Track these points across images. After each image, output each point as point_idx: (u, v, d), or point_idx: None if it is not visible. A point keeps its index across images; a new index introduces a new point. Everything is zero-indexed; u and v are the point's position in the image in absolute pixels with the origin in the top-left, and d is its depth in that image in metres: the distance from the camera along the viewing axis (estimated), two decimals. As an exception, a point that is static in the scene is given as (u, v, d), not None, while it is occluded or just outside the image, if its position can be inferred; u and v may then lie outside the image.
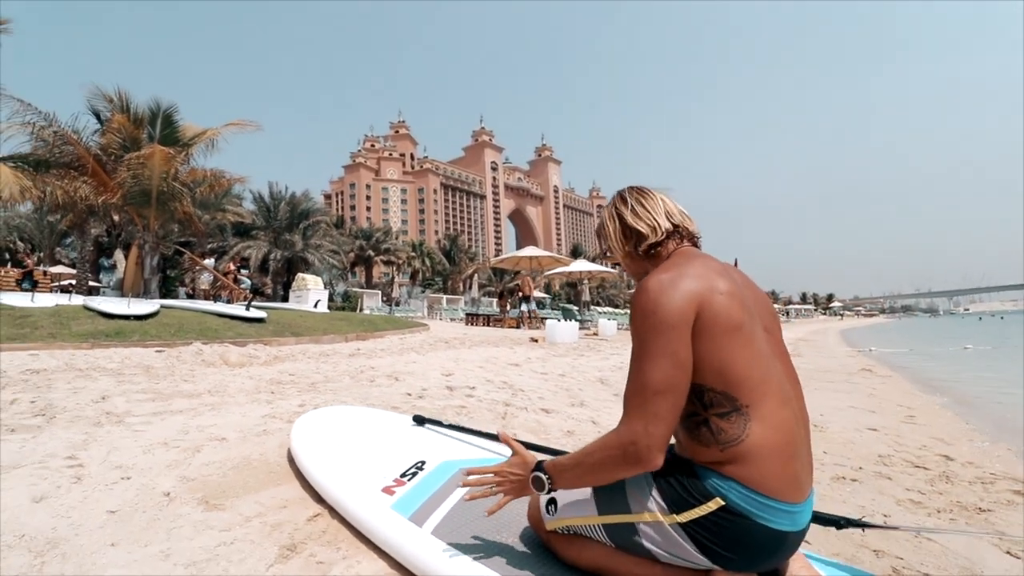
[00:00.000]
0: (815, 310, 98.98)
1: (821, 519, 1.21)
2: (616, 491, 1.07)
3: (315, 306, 11.63)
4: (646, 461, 0.94)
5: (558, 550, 1.17)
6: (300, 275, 15.07)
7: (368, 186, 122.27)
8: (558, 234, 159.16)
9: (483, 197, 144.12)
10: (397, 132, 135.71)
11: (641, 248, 1.16)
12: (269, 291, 24.58)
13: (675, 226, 1.15)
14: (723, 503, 0.95)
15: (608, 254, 1.26)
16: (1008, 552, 1.69)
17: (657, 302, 0.98)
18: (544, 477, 1.08)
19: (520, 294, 15.54)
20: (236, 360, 5.18)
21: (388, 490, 1.58)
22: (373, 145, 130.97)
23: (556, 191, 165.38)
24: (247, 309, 7.25)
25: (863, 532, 1.81)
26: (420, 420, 2.22)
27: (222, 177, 12.00)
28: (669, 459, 0.99)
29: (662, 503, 1.01)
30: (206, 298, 11.33)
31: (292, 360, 5.46)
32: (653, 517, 1.02)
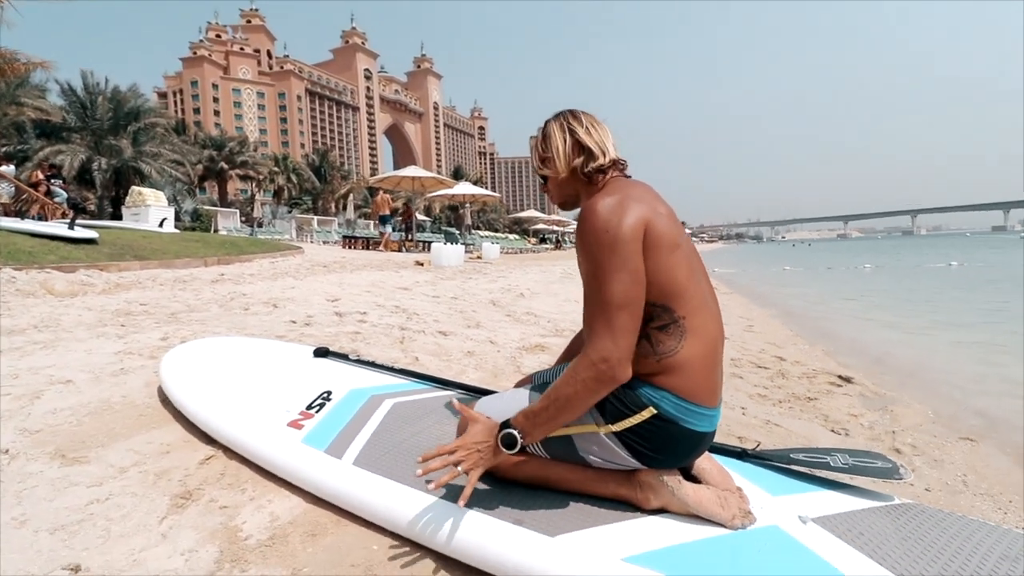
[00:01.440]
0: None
1: (727, 451, 1.35)
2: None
3: (160, 225, 10.02)
4: (619, 374, 0.98)
5: (494, 469, 1.19)
6: (136, 189, 12.78)
7: (215, 86, 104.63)
8: (438, 154, 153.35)
9: (356, 109, 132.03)
10: (249, 23, 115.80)
11: (587, 168, 1.14)
12: (93, 207, 20.66)
13: (615, 159, 1.17)
14: (656, 412, 1.03)
15: (542, 166, 1.21)
16: (832, 431, 2.11)
17: (609, 221, 1.01)
18: (515, 432, 1.03)
19: (380, 214, 14.59)
20: (64, 289, 4.34)
21: (295, 424, 1.46)
22: (219, 36, 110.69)
23: (436, 108, 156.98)
24: (71, 228, 5.99)
25: (728, 426, 2.13)
26: (322, 352, 2.06)
27: (15, 60, 9.33)
28: None
29: (598, 415, 1.06)
30: (6, 214, 9.17)
31: (140, 288, 4.72)
32: (590, 429, 1.07)
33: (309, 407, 1.57)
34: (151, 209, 11.87)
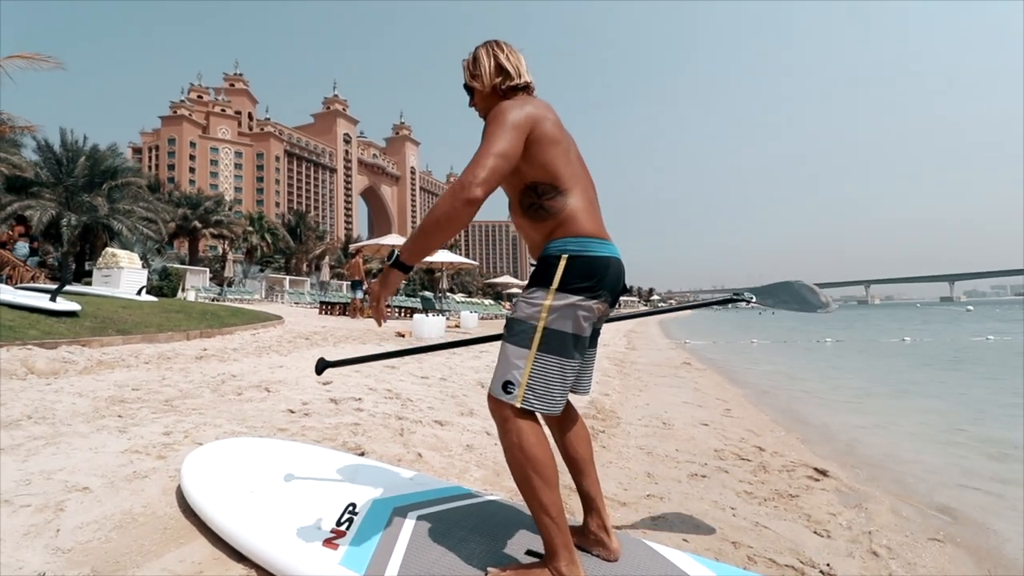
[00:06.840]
0: (638, 301, 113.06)
1: None
2: (518, 327, 1.37)
3: (139, 293, 9.84)
4: (470, 190, 1.24)
5: (516, 433, 1.36)
6: (110, 250, 12.59)
7: (193, 144, 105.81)
8: (413, 216, 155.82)
9: (333, 170, 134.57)
10: (233, 86, 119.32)
11: (504, 86, 1.51)
12: (53, 261, 20.05)
13: (528, 82, 1.53)
14: (567, 255, 1.38)
15: (472, 80, 1.55)
16: (815, 532, 2.27)
17: (506, 112, 1.36)
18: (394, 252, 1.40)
19: (353, 279, 14.67)
20: (46, 367, 4.26)
21: (329, 544, 1.54)
22: (201, 97, 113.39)
23: (413, 172, 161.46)
24: (52, 299, 5.87)
25: (720, 529, 2.26)
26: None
27: (2, 123, 9.43)
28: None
29: (542, 293, 1.37)
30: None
31: (123, 366, 4.66)
32: (548, 304, 1.36)
33: (339, 523, 1.65)
34: (124, 272, 11.70)
